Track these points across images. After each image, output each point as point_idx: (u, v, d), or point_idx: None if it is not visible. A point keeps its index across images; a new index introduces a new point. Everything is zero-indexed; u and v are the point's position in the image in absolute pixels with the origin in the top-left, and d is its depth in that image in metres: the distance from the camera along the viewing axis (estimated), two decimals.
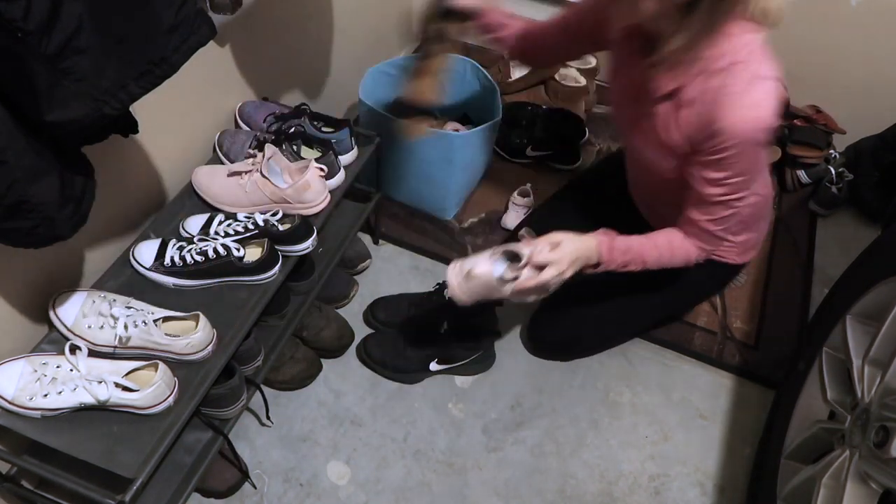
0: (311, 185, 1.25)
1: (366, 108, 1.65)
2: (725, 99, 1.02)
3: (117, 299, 1.09)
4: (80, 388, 0.96)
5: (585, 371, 1.54)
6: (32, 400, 0.97)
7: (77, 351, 1.00)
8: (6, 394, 0.97)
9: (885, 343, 1.02)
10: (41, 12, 0.66)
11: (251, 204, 1.27)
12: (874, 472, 0.96)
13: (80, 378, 0.97)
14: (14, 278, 1.05)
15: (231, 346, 1.11)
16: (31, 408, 0.97)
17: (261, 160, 1.26)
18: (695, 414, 1.48)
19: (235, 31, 1.34)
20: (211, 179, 1.31)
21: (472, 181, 1.87)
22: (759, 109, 1.02)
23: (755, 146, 1.06)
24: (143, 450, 0.97)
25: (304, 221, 1.23)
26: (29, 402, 0.97)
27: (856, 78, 1.94)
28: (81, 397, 0.96)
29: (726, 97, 1.02)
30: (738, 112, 1.02)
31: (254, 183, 1.25)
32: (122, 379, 0.98)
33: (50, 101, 0.72)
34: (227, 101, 1.44)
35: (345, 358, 1.52)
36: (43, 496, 1.14)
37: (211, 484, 1.26)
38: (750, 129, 1.03)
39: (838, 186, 1.88)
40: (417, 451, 1.38)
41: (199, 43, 0.83)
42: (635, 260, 1.20)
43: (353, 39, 1.85)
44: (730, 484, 1.38)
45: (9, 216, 0.79)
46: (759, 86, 1.02)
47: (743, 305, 1.68)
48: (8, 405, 0.97)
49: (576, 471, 1.38)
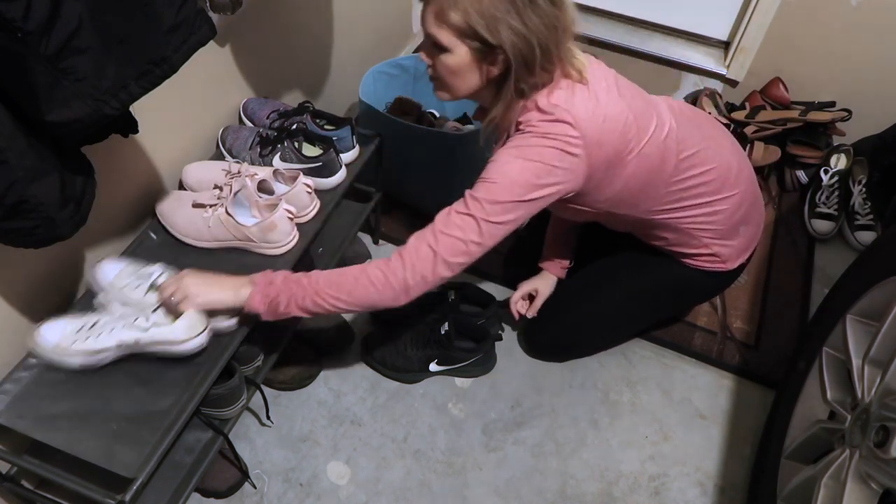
0: (277, 224, 1.19)
1: (366, 108, 1.65)
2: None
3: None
4: (119, 327, 1.02)
5: (585, 371, 1.54)
6: (75, 344, 1.01)
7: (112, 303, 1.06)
8: (49, 343, 1.02)
9: (885, 343, 1.02)
10: (41, 12, 0.66)
11: (214, 239, 1.21)
12: (874, 472, 0.95)
13: (118, 319, 1.03)
14: (14, 279, 1.05)
15: (231, 347, 1.11)
16: (73, 352, 1.01)
17: (227, 194, 1.20)
18: (695, 414, 1.48)
19: (235, 31, 1.34)
20: (174, 210, 1.24)
21: (473, 181, 1.87)
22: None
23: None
24: (143, 449, 0.96)
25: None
26: (72, 346, 1.01)
27: (856, 78, 1.94)
28: (121, 335, 1.01)
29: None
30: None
31: (217, 219, 1.19)
32: (156, 314, 1.03)
33: (50, 101, 0.72)
34: (228, 99, 1.44)
35: (345, 358, 1.52)
36: (43, 496, 1.14)
37: (211, 484, 1.26)
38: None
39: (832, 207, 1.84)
40: (417, 451, 1.38)
41: (199, 43, 0.84)
42: (295, 290, 1.08)
43: (354, 39, 1.85)
44: (730, 484, 1.37)
45: (9, 216, 0.79)
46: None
47: (743, 305, 1.68)
48: (51, 352, 1.02)
49: (576, 471, 1.38)
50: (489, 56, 1.04)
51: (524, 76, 1.05)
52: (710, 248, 1.35)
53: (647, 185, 1.22)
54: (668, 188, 1.24)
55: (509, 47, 1.01)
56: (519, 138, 1.09)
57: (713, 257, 1.36)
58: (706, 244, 1.34)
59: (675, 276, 1.40)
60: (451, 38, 1.03)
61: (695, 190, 1.26)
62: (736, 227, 1.35)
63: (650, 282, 1.43)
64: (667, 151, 1.20)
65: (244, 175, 1.22)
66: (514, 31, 1.00)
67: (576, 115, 1.06)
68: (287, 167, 1.33)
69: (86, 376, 1.04)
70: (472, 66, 1.06)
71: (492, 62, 1.05)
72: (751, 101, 2.05)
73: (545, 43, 1.02)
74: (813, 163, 1.96)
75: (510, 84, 1.05)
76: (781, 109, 2.00)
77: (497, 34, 1.00)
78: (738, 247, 1.37)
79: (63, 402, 1.01)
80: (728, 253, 1.36)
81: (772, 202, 1.97)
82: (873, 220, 1.79)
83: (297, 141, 1.35)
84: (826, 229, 1.82)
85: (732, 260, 1.38)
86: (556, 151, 1.07)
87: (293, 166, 1.33)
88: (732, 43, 2.07)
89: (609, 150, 1.12)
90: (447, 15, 1.01)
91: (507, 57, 1.02)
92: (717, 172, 1.27)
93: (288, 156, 1.34)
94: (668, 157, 1.21)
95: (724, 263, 1.37)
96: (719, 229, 1.32)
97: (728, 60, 2.08)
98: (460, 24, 1.01)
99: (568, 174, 1.10)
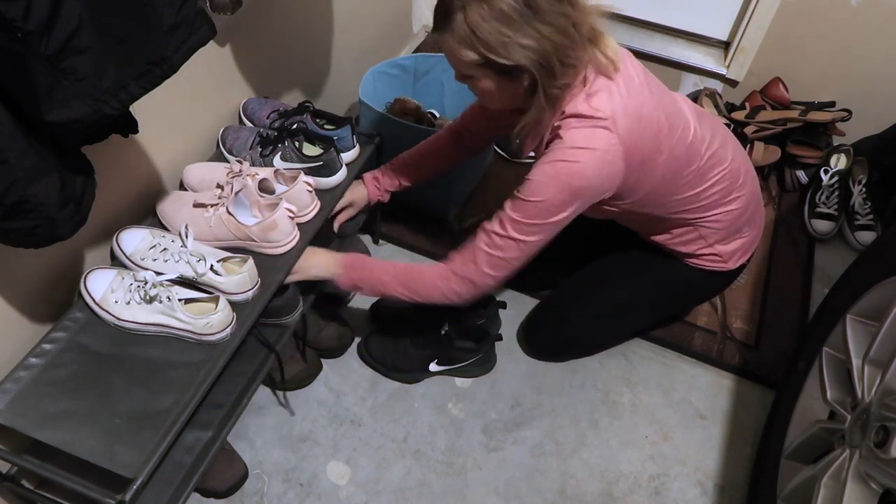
0: (278, 224, 1.20)
1: (366, 108, 1.65)
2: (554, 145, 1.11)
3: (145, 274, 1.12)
4: (183, 262, 1.13)
5: (585, 371, 1.54)
6: (144, 261, 1.15)
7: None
8: (129, 249, 1.16)
9: (885, 343, 1.02)
10: (41, 12, 0.66)
11: (214, 239, 1.21)
12: (874, 472, 0.95)
13: (186, 253, 1.14)
14: (14, 279, 1.05)
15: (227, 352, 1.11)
16: (143, 268, 1.13)
17: (228, 194, 1.21)
18: (695, 414, 1.48)
19: (235, 31, 1.34)
20: (175, 209, 1.25)
21: (472, 181, 1.87)
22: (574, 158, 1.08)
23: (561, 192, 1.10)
24: (143, 449, 0.96)
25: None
26: (141, 261, 1.15)
27: (856, 78, 1.94)
28: (181, 269, 1.13)
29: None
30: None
31: (218, 218, 1.20)
32: (218, 263, 1.14)
33: (50, 101, 0.72)
34: (228, 99, 1.44)
35: (345, 358, 1.52)
36: (43, 496, 1.14)
37: (211, 484, 1.26)
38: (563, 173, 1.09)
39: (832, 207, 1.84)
40: (417, 451, 1.38)
41: (199, 43, 0.83)
42: (371, 278, 1.27)
43: (354, 39, 1.85)
44: (730, 484, 1.38)
45: (9, 216, 0.79)
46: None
47: (743, 305, 1.68)
48: (127, 260, 1.15)
49: (576, 471, 1.38)
50: (512, 74, 1.05)
51: (550, 82, 1.05)
52: (714, 247, 1.35)
53: (673, 185, 1.22)
54: (692, 189, 1.25)
55: (528, 63, 1.01)
56: (557, 151, 1.08)
57: (715, 257, 1.36)
58: (711, 244, 1.34)
59: (675, 276, 1.41)
60: (471, 69, 1.05)
61: (713, 189, 1.27)
62: (740, 227, 1.35)
63: (650, 281, 1.43)
64: (693, 153, 1.21)
65: (245, 175, 1.23)
66: (527, 48, 1.00)
67: (614, 119, 1.06)
68: (288, 167, 1.33)
69: (86, 376, 1.04)
70: (502, 86, 1.08)
71: (517, 78, 1.06)
72: (751, 101, 2.05)
73: (562, 47, 1.01)
74: (813, 163, 1.96)
75: (540, 93, 1.06)
76: (781, 109, 2.00)
77: (512, 55, 1.01)
78: (739, 247, 1.38)
79: (63, 401, 1.01)
80: (729, 253, 1.37)
81: (772, 202, 1.97)
82: (873, 220, 1.79)
83: (298, 141, 1.35)
84: (826, 229, 1.82)
85: (733, 260, 1.38)
86: (594, 164, 1.07)
87: (294, 166, 1.33)
88: (732, 43, 2.07)
89: (644, 153, 1.12)
90: (460, 52, 1.03)
91: (529, 72, 1.03)
92: (731, 173, 1.28)
93: (288, 155, 1.34)
94: (693, 157, 1.21)
95: (725, 263, 1.38)
96: (726, 229, 1.33)
97: (728, 60, 2.08)
98: (474, 58, 1.03)
99: (605, 182, 1.11)
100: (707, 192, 1.26)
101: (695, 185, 1.24)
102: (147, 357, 1.08)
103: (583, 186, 1.09)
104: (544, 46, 1.00)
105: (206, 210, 1.21)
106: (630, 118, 1.07)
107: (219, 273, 1.14)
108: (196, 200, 1.23)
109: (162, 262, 1.14)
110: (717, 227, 1.32)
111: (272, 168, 1.31)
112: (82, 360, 1.06)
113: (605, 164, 1.08)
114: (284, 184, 1.30)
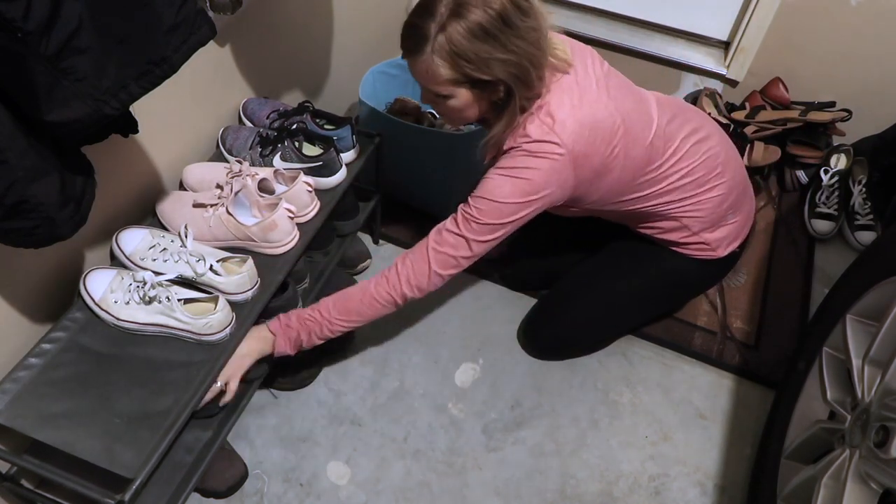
0: (278, 224, 1.20)
1: (366, 108, 1.65)
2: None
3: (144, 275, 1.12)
4: (182, 262, 1.13)
5: (585, 371, 1.54)
6: (143, 261, 1.15)
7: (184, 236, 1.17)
8: (128, 248, 1.16)
9: (885, 343, 1.02)
10: (41, 12, 0.66)
11: (214, 239, 1.22)
12: (874, 472, 0.95)
13: (186, 253, 1.14)
14: (14, 279, 1.05)
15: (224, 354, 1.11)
16: (143, 268, 1.13)
17: (228, 194, 1.21)
18: (695, 414, 1.48)
19: (235, 31, 1.34)
20: (175, 209, 1.25)
21: (473, 181, 1.87)
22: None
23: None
24: (143, 449, 0.97)
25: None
26: (140, 261, 1.15)
27: (856, 78, 1.94)
28: (180, 269, 1.13)
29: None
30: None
31: (218, 218, 1.20)
32: (217, 263, 1.14)
33: (50, 101, 0.72)
34: (228, 99, 1.44)
35: (345, 358, 1.52)
36: (43, 496, 1.14)
37: (211, 484, 1.26)
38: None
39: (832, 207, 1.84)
40: (417, 451, 1.38)
41: (199, 43, 0.83)
42: (308, 327, 1.20)
43: (353, 39, 1.85)
44: (730, 484, 1.37)
45: (9, 216, 0.79)
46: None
47: (743, 305, 1.68)
48: (126, 260, 1.15)
49: (576, 471, 1.38)
50: (489, 88, 1.08)
51: (525, 93, 1.08)
52: (700, 235, 1.37)
53: (632, 184, 1.26)
54: (656, 186, 1.28)
55: (506, 77, 1.05)
56: (509, 158, 1.13)
57: (703, 245, 1.38)
58: (696, 232, 1.37)
59: (669, 267, 1.43)
60: (448, 88, 1.08)
61: (681, 182, 1.29)
62: (724, 215, 1.37)
63: (644, 274, 1.44)
64: (653, 152, 1.24)
65: (245, 175, 1.23)
66: (505, 63, 1.03)
67: (561, 132, 1.09)
68: (287, 167, 1.33)
69: (85, 376, 1.04)
70: (476, 99, 1.11)
71: (492, 92, 1.09)
72: (751, 101, 2.05)
73: (535, 58, 1.06)
74: (813, 163, 1.96)
75: (514, 104, 1.09)
76: (781, 109, 2.00)
77: (490, 71, 1.04)
78: (727, 234, 1.39)
79: (63, 401, 1.01)
80: (718, 240, 1.39)
81: (772, 202, 1.97)
82: (873, 220, 1.79)
83: (298, 141, 1.35)
84: (826, 229, 1.82)
85: (722, 248, 1.40)
86: (542, 173, 1.11)
87: (294, 166, 1.33)
88: (732, 43, 2.07)
89: (596, 161, 1.15)
90: (438, 73, 1.05)
91: (506, 85, 1.06)
92: (705, 165, 1.30)
93: (288, 155, 1.34)
94: (654, 157, 1.24)
95: (714, 251, 1.39)
96: (707, 217, 1.35)
97: (728, 60, 2.08)
98: (453, 76, 1.05)
99: (555, 189, 1.14)
100: (675, 185, 1.29)
101: (658, 182, 1.28)
102: (146, 357, 1.08)
103: (533, 193, 1.13)
104: (521, 60, 1.03)
105: (206, 210, 1.21)
106: (581, 126, 1.10)
107: (218, 273, 1.14)
108: (196, 200, 1.23)
109: (161, 262, 1.14)
110: (698, 215, 1.34)
111: (272, 168, 1.31)
112: (82, 360, 1.06)
113: (554, 172, 1.12)
114: (284, 184, 1.30)
